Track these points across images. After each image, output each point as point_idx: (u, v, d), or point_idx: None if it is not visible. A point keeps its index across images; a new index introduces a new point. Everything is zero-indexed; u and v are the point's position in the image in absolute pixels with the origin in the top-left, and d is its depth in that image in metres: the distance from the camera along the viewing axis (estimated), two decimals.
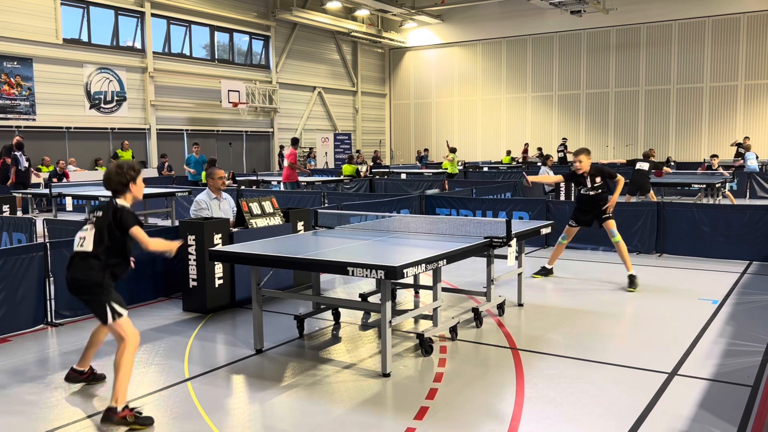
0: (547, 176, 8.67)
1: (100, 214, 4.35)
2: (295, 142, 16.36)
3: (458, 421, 4.10)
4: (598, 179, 8.01)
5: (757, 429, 3.94)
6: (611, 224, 8.00)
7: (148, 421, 4.10)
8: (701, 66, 28.59)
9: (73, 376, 4.76)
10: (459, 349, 5.56)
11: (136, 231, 4.28)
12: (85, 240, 4.33)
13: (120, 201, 4.37)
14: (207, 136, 26.07)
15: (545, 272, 8.48)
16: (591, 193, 8.02)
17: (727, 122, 28.34)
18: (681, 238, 9.72)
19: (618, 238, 7.92)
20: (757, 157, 20.75)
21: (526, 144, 30.68)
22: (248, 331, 6.08)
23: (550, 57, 31.81)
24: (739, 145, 23.08)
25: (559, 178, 8.78)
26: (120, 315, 4.28)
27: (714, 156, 18.05)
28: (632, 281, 7.74)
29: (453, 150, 21.70)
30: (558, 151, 26.39)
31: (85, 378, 4.77)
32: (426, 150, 31.88)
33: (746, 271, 8.63)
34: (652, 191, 14.23)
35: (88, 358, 4.78)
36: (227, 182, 8.88)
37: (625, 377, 4.84)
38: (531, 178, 8.46)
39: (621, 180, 8.13)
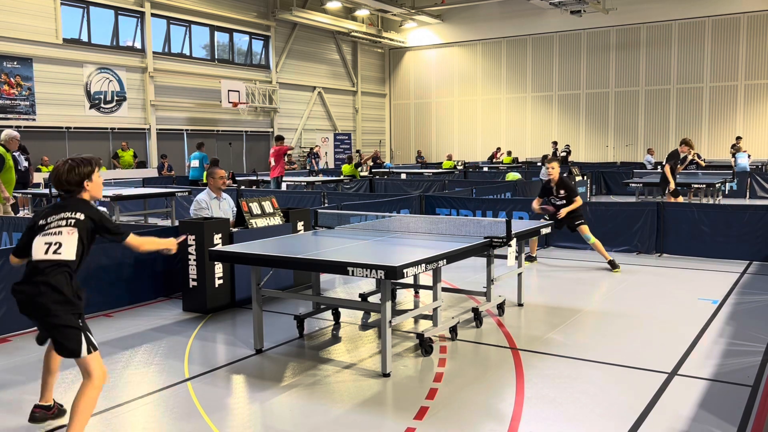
0: (535, 203, 9.18)
1: (80, 216, 3.66)
2: (278, 139, 16.35)
3: (458, 421, 4.10)
4: (562, 192, 8.79)
5: (757, 429, 3.94)
6: (584, 229, 8.81)
7: None
8: (701, 66, 28.61)
9: (39, 414, 4.06)
10: (459, 349, 5.56)
11: (132, 239, 3.87)
12: (62, 246, 3.57)
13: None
14: (207, 136, 26.08)
15: (530, 259, 9.34)
16: (557, 202, 8.84)
17: (727, 122, 28.36)
18: (681, 238, 9.71)
19: (593, 239, 8.78)
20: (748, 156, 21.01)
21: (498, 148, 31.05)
22: (248, 331, 6.08)
23: (550, 57, 31.82)
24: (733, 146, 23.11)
25: (538, 200, 9.17)
26: (96, 348, 3.61)
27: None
28: (613, 264, 8.66)
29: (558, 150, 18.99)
30: (562, 152, 26.49)
31: (51, 414, 4.10)
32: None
33: (746, 271, 8.63)
34: (668, 194, 12.90)
35: (50, 389, 4.08)
36: (227, 182, 8.90)
37: (625, 377, 4.84)
38: (539, 209, 9.08)
39: (578, 201, 8.79)
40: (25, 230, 3.79)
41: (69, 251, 3.59)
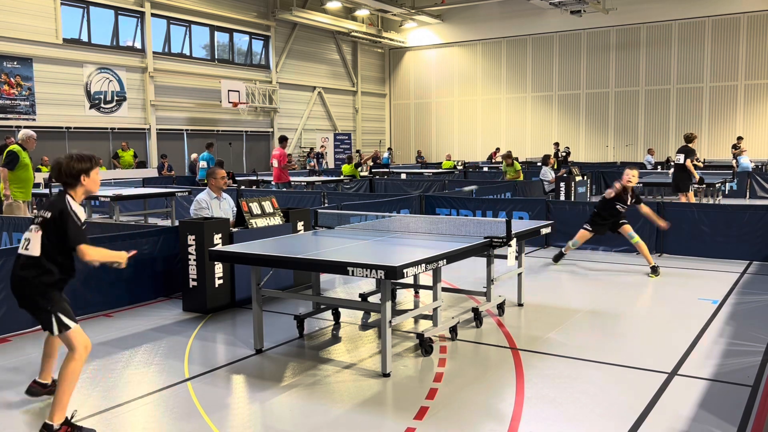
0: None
1: (47, 215, 3.98)
2: (282, 140, 15.81)
3: (458, 421, 4.10)
4: (633, 200, 8.75)
5: (757, 429, 3.94)
6: (628, 228, 8.70)
7: None
8: (701, 66, 28.61)
9: (35, 389, 4.46)
10: (459, 349, 5.56)
11: (84, 249, 3.94)
12: (30, 242, 3.98)
13: (71, 197, 4.03)
14: (207, 136, 26.07)
15: (559, 256, 9.30)
16: (623, 209, 8.69)
17: (727, 122, 28.35)
18: (681, 238, 9.72)
19: (637, 238, 8.60)
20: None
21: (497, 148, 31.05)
22: (248, 331, 6.08)
23: (550, 57, 31.82)
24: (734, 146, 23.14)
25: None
26: (68, 327, 3.97)
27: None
28: (655, 270, 8.42)
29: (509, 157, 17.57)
30: (562, 152, 26.49)
31: (47, 391, 4.44)
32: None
33: (746, 271, 8.64)
34: (690, 192, 12.90)
35: (49, 369, 4.48)
36: (227, 182, 8.93)
37: (625, 377, 4.84)
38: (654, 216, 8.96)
39: (642, 206, 8.91)
40: None
41: (34, 248, 3.98)
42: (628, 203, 8.66)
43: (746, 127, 27.93)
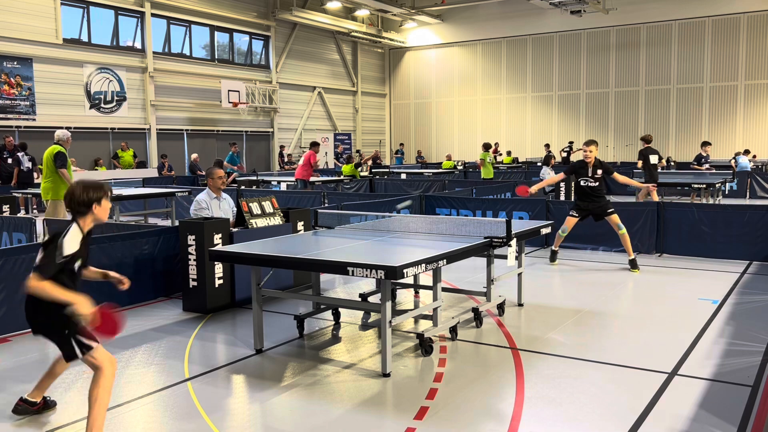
0: (549, 179, 9.17)
1: (48, 237, 3.87)
2: (313, 144, 16.38)
3: (458, 421, 4.10)
4: (599, 171, 8.83)
5: (757, 429, 3.94)
6: (616, 218, 8.77)
7: None
8: (701, 66, 28.60)
9: (22, 408, 4.23)
10: (459, 349, 5.56)
11: (35, 279, 3.61)
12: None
13: (77, 226, 3.86)
14: (207, 136, 26.08)
15: (553, 256, 9.32)
16: (591, 184, 8.82)
17: (727, 122, 28.35)
18: (681, 238, 9.72)
19: (623, 230, 8.75)
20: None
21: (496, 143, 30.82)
22: (248, 331, 6.08)
23: (550, 57, 31.81)
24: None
25: (560, 176, 9.52)
26: (89, 347, 3.79)
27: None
28: (633, 264, 8.65)
29: (487, 147, 19.01)
30: (562, 150, 26.40)
31: (36, 410, 4.25)
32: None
33: (746, 271, 8.64)
34: (654, 192, 13.92)
35: (43, 389, 4.28)
36: (227, 181, 8.94)
37: (625, 377, 4.84)
38: (533, 188, 9.03)
39: (617, 175, 9.03)
40: None
41: None
42: (589, 174, 8.79)
43: (746, 127, 27.93)
